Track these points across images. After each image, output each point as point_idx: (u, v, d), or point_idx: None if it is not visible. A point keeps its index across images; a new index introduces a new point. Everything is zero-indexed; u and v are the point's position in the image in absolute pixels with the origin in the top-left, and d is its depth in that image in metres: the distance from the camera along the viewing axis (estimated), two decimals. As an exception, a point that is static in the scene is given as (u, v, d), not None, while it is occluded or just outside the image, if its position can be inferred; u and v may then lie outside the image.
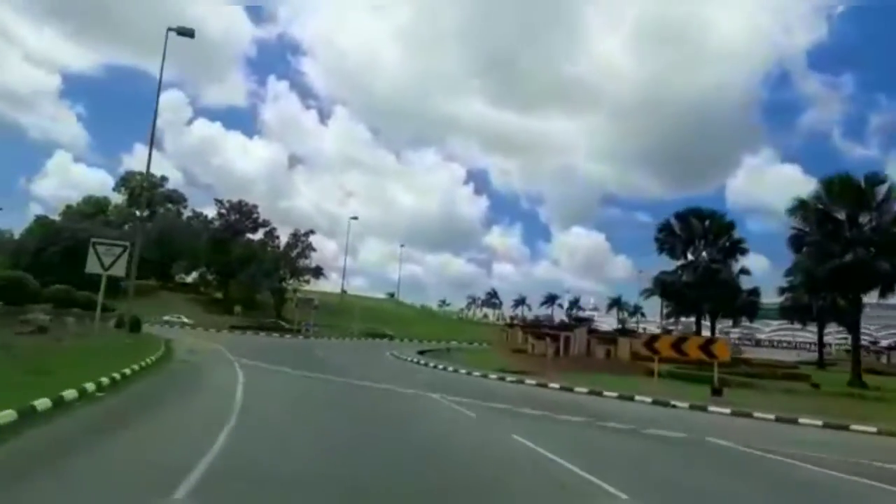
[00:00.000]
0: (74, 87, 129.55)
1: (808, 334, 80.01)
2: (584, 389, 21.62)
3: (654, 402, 19.30)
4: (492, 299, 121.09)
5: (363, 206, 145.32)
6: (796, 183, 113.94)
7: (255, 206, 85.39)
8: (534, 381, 23.64)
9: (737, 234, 47.08)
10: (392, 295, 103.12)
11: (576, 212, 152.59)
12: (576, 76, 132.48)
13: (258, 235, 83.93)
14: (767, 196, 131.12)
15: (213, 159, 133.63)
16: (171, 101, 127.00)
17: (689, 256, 47.15)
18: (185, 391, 13.67)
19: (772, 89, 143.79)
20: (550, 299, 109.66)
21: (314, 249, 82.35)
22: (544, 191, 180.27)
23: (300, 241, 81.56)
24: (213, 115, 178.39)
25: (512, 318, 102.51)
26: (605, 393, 20.92)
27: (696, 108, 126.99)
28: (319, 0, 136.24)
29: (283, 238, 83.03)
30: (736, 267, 46.91)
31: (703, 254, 45.98)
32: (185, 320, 61.58)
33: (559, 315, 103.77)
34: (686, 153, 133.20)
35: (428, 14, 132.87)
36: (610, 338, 41.14)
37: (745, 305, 52.37)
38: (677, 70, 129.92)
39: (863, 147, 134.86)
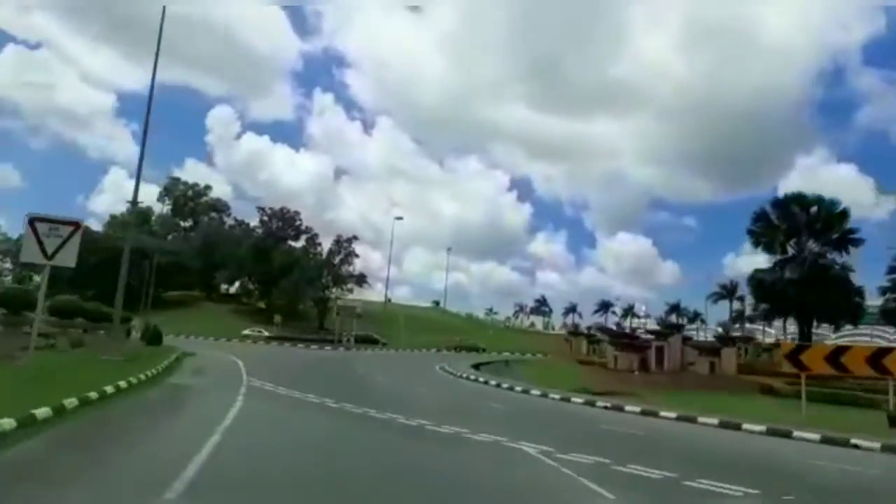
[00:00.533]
0: (129, 106, 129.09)
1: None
2: (713, 420, 15.50)
3: (825, 441, 13.18)
4: (541, 307, 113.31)
5: (407, 215, 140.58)
6: (852, 182, 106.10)
7: (297, 213, 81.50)
8: (637, 408, 17.60)
9: (849, 223, 39.84)
10: (437, 303, 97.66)
11: (622, 217, 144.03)
12: (621, 78, 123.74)
13: (300, 243, 79.85)
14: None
15: (261, 173, 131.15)
16: (220, 116, 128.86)
17: (790, 250, 40.13)
18: (124, 442, 8.37)
19: (826, 87, 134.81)
20: (604, 306, 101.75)
21: (357, 256, 77.35)
22: (589, 196, 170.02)
23: (343, 247, 76.73)
24: (260, 129, 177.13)
25: (575, 326, 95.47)
26: (746, 426, 14.76)
27: (746, 108, 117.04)
28: (362, 11, 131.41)
29: (326, 246, 78.68)
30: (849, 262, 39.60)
31: (811, 245, 38.76)
32: (265, 333, 60.04)
33: (610, 322, 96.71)
34: (736, 154, 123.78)
35: (470, 20, 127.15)
36: (711, 347, 34.24)
37: (851, 307, 44.79)
38: (726, 69, 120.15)
39: None
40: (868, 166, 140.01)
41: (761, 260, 41.96)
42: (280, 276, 72.18)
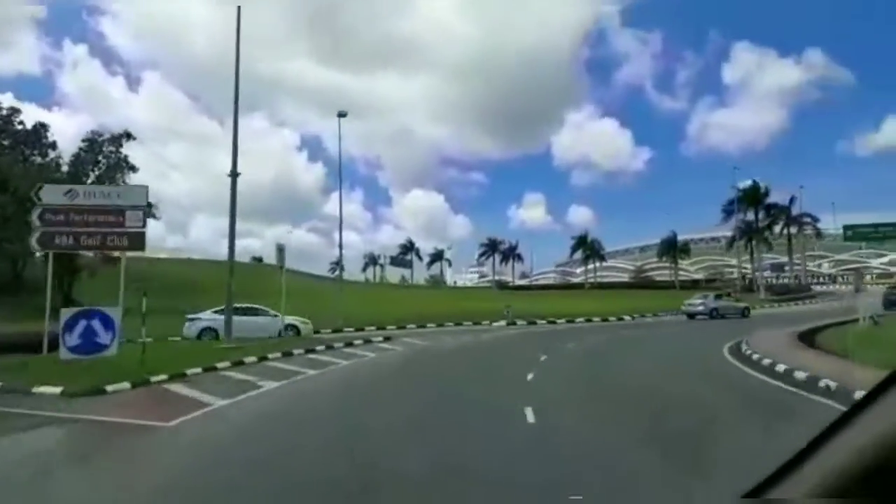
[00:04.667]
0: None
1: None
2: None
3: None
4: (403, 256, 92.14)
5: (188, 180, 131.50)
6: (614, 136, 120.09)
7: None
8: None
9: None
10: (260, 260, 71.52)
11: (415, 174, 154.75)
12: (408, 35, 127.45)
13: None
14: (589, 150, 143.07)
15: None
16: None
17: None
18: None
19: (591, 47, 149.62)
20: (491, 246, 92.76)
21: (133, 168, 42.36)
22: (382, 154, 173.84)
23: (103, 152, 42.27)
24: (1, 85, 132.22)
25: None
26: None
27: (524, 67, 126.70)
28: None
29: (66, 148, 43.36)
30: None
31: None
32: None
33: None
34: (516, 112, 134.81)
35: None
36: None
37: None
38: (504, 29, 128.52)
39: (672, 99, 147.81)
40: (627, 121, 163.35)
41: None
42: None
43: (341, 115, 34.56)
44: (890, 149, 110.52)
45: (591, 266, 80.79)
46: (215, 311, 23.36)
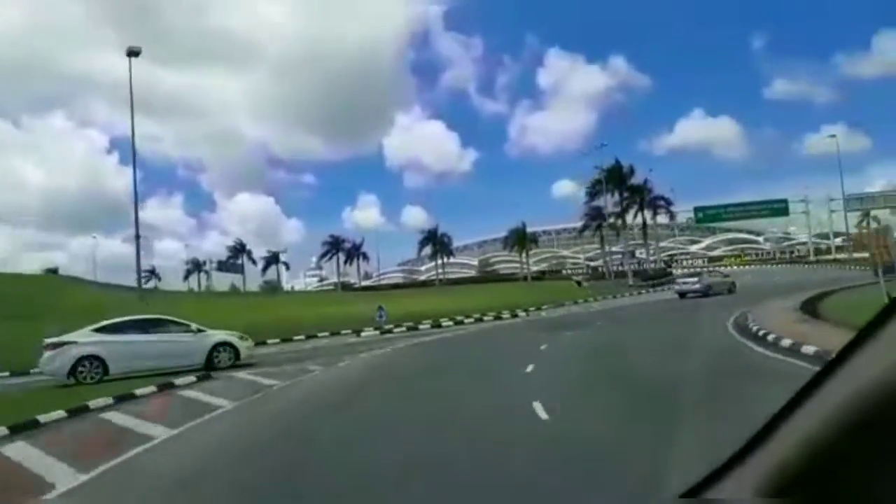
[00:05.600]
0: None
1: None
2: None
3: None
4: (232, 260, 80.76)
5: None
6: (442, 138, 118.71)
7: None
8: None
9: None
10: (55, 271, 59.19)
11: (241, 177, 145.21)
12: (231, 29, 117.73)
13: None
14: (419, 152, 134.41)
15: None
16: None
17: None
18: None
19: (417, 49, 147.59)
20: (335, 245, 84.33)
21: None
22: (204, 157, 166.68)
23: None
24: None
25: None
26: None
27: (351, 67, 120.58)
28: None
29: None
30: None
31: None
32: None
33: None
34: (346, 112, 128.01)
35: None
36: None
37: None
38: (330, 26, 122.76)
39: (494, 102, 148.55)
40: (453, 123, 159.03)
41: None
42: None
43: (132, 52, 28.75)
44: (681, 149, 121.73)
45: (439, 262, 78.47)
46: (97, 329, 15.75)
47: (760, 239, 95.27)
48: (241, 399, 11.08)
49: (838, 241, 69.63)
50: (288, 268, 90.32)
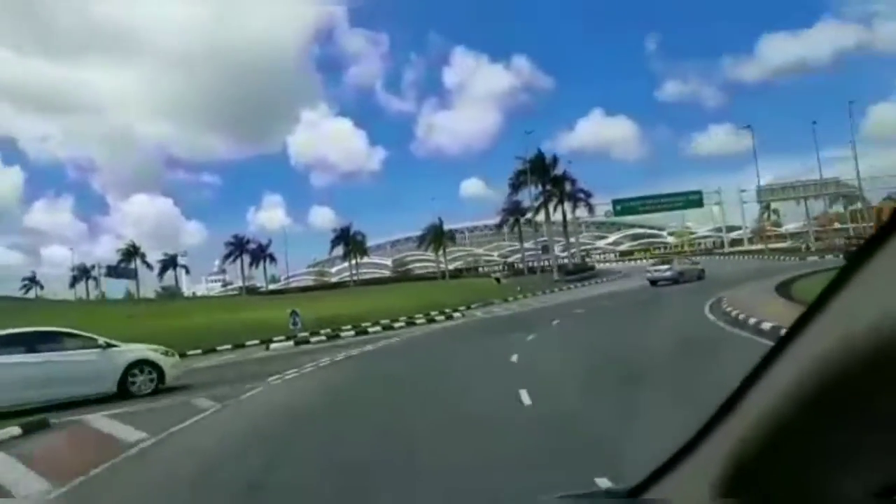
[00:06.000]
0: None
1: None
2: None
3: None
4: (125, 264, 73.12)
5: None
6: (349, 136, 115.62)
7: None
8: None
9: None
10: None
11: (136, 177, 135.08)
12: (124, 19, 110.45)
13: None
14: (326, 150, 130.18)
15: None
16: None
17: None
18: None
19: (321, 44, 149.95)
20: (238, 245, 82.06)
21: None
22: (97, 156, 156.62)
23: None
24: None
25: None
26: None
27: (253, 61, 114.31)
28: None
29: None
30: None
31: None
32: None
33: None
34: (248, 108, 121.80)
35: None
36: None
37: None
38: (230, 18, 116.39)
39: (400, 100, 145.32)
40: (361, 120, 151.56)
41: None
42: None
43: None
44: (580, 149, 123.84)
45: (353, 262, 75.16)
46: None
47: (664, 233, 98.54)
48: None
49: (738, 233, 72.91)
50: (188, 272, 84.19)
